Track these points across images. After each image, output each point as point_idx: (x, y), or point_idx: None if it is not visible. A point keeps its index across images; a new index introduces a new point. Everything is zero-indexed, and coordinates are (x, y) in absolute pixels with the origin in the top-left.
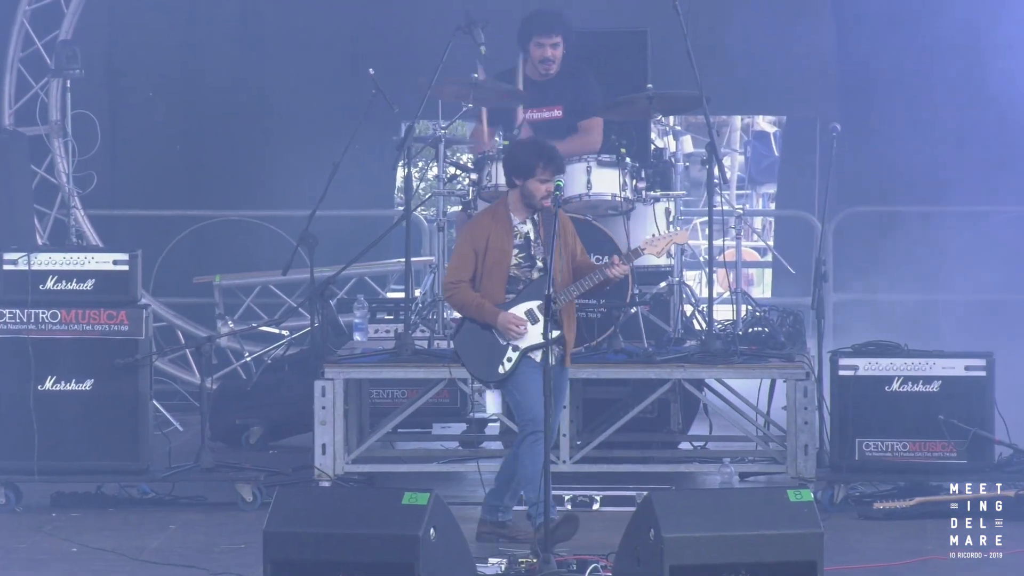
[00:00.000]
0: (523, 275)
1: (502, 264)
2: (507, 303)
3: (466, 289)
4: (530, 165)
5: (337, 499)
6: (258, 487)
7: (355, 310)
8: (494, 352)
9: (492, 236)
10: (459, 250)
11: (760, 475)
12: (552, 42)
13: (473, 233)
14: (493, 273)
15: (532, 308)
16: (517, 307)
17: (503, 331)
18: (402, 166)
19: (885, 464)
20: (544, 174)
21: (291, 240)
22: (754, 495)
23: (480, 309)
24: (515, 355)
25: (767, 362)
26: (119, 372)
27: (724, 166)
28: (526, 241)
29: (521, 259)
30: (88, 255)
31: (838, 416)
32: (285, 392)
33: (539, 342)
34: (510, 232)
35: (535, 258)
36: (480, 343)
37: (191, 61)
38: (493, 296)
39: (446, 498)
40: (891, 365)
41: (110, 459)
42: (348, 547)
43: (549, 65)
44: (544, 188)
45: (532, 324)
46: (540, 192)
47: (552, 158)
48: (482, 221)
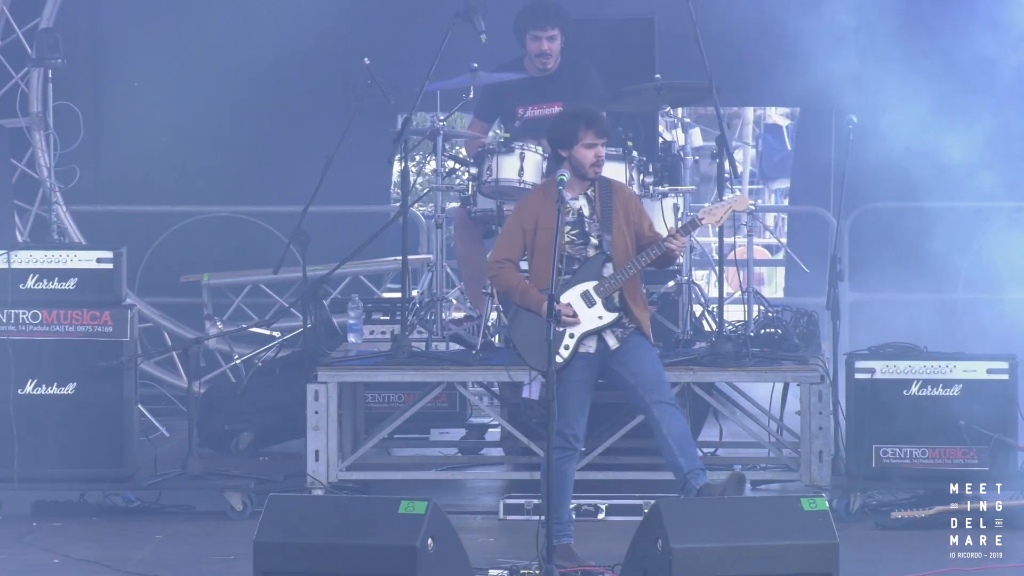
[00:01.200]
0: (577, 253)
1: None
2: (561, 285)
3: (511, 271)
4: (572, 132)
5: (331, 508)
6: (248, 495)
7: (349, 310)
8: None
9: (542, 214)
10: (506, 228)
11: (773, 483)
12: (548, 35)
13: (521, 211)
14: (545, 252)
15: (588, 289)
16: (571, 290)
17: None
18: (399, 160)
19: (903, 471)
20: (588, 137)
21: (283, 237)
22: (766, 504)
23: (525, 294)
24: (572, 342)
25: (780, 365)
26: (103, 375)
27: (735, 160)
28: (579, 217)
29: (574, 236)
30: (70, 253)
31: (854, 421)
32: (276, 396)
33: (596, 326)
34: (563, 209)
35: (589, 235)
36: (535, 329)
37: (178, 50)
38: (545, 277)
39: (445, 507)
40: (910, 368)
41: (93, 466)
42: (342, 558)
43: (546, 59)
44: (592, 154)
45: (589, 307)
46: (588, 159)
47: (594, 119)
48: (532, 198)
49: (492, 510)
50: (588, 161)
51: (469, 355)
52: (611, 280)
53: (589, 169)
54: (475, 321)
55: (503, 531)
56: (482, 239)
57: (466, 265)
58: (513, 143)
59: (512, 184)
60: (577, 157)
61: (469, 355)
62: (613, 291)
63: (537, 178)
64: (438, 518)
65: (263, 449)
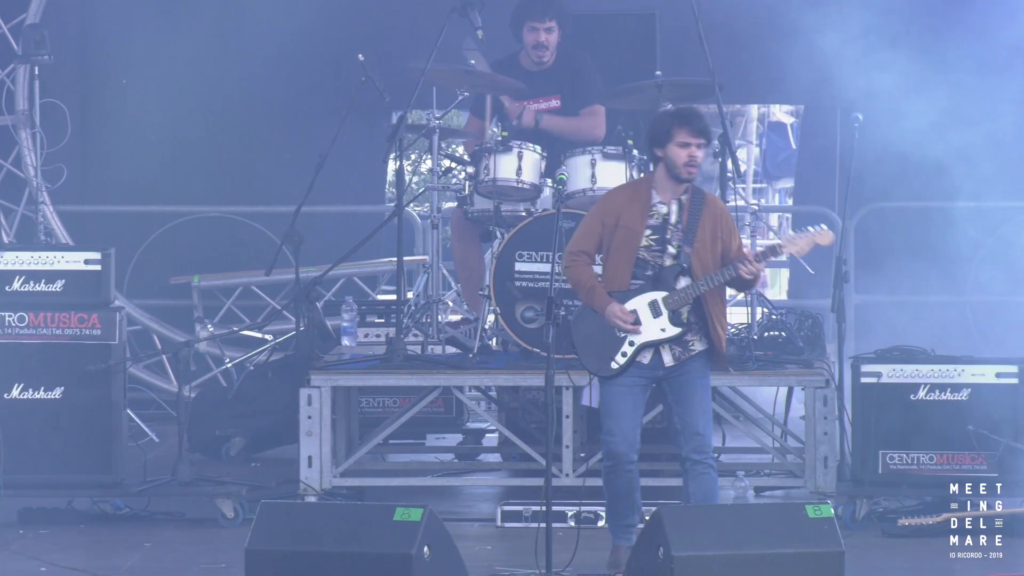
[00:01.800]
0: (653, 259)
1: (631, 244)
2: (630, 290)
3: (585, 265)
4: (665, 130)
5: (324, 515)
6: (240, 502)
7: (343, 313)
8: (608, 343)
9: (625, 212)
10: (587, 221)
11: (777, 489)
12: (546, 26)
13: (605, 205)
14: (620, 252)
15: (657, 299)
16: (640, 296)
17: (609, 323)
18: (393, 159)
19: (910, 478)
20: (683, 136)
21: (275, 238)
22: (770, 511)
23: (591, 293)
24: (631, 350)
25: (784, 369)
26: (91, 379)
27: (738, 159)
28: (663, 222)
29: (653, 241)
30: (57, 254)
31: (860, 426)
32: (268, 401)
33: (657, 338)
34: (646, 210)
35: (669, 243)
36: (597, 331)
37: (168, 46)
38: (617, 278)
39: (441, 514)
40: (917, 372)
41: (81, 472)
42: (336, 566)
43: (543, 51)
44: (686, 153)
45: (654, 317)
46: (682, 158)
47: (690, 118)
48: (618, 194)
49: (490, 517)
50: (681, 160)
51: (466, 359)
52: (682, 293)
53: (683, 169)
54: (472, 324)
55: (501, 539)
56: (479, 240)
57: (463, 266)
58: (511, 142)
59: (510, 184)
60: (671, 156)
61: (466, 359)
62: (682, 305)
63: (535, 177)
64: (434, 525)
65: (255, 455)
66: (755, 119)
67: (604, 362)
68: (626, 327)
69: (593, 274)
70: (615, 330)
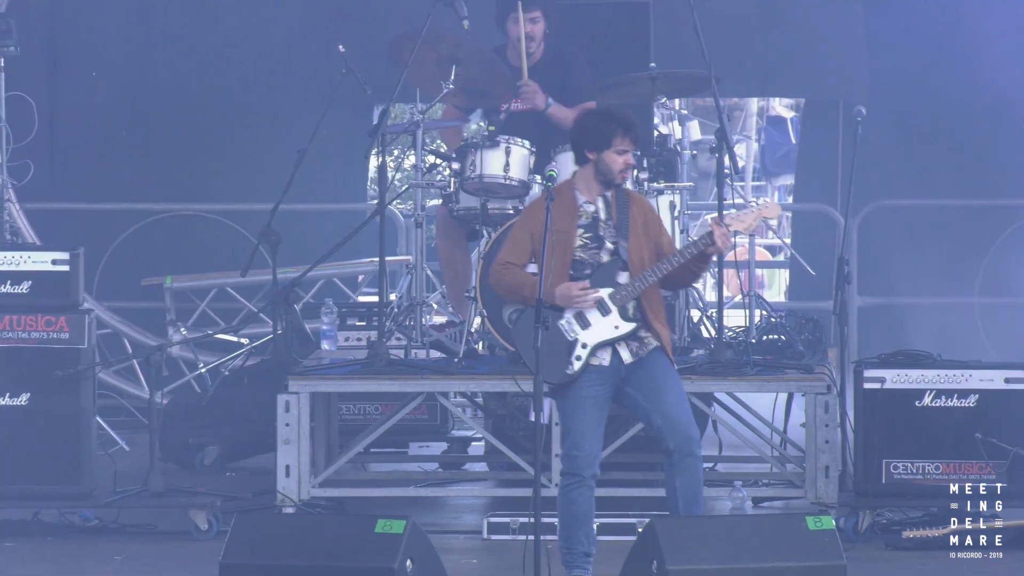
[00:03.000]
0: (590, 258)
1: (565, 246)
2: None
3: (514, 269)
4: (606, 135)
5: (302, 527)
6: (214, 514)
7: (323, 315)
8: (559, 347)
9: (552, 216)
10: (514, 234)
11: (776, 500)
12: (531, 16)
13: (530, 215)
14: (554, 255)
15: (603, 297)
16: None
17: (565, 302)
18: (376, 155)
19: (916, 488)
20: (622, 143)
21: (251, 237)
22: (769, 522)
23: (535, 288)
24: (585, 352)
25: (783, 374)
26: (59, 385)
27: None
28: (593, 220)
29: (587, 239)
30: (24, 254)
31: (863, 434)
32: (244, 408)
33: (612, 336)
34: (573, 211)
35: (604, 239)
36: (545, 336)
37: (139, 37)
38: (556, 282)
39: (425, 526)
40: (922, 377)
41: (48, 482)
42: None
43: (529, 44)
44: (622, 160)
45: (603, 316)
46: (618, 165)
47: (632, 125)
48: (541, 202)
49: (476, 529)
50: (617, 167)
51: (451, 363)
52: (628, 288)
53: (617, 175)
54: (458, 327)
55: (487, 552)
56: (465, 239)
57: (448, 267)
58: (498, 137)
59: (497, 180)
60: (606, 161)
61: (451, 363)
62: (629, 300)
63: (523, 174)
64: (417, 538)
65: (230, 464)
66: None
67: (558, 368)
68: (591, 297)
69: (529, 274)
70: (564, 333)
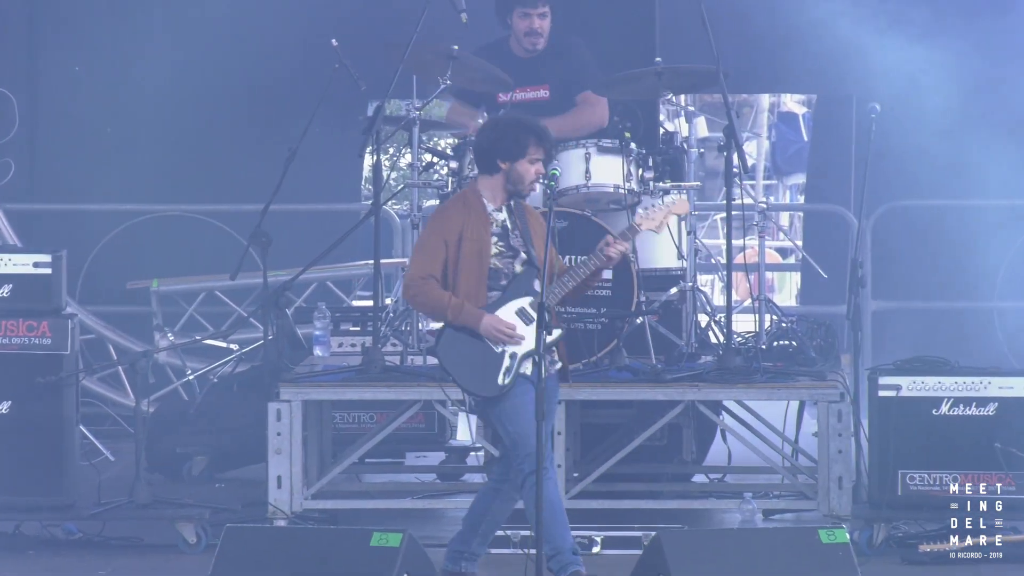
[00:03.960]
0: (505, 267)
1: (482, 256)
2: (491, 302)
3: (435, 287)
4: (522, 144)
5: (294, 541)
6: (202, 526)
7: (315, 320)
8: (488, 360)
9: (467, 225)
10: (426, 242)
11: (787, 512)
12: (539, 12)
13: (443, 223)
14: (471, 267)
15: (524, 306)
16: (506, 306)
17: (489, 338)
18: (370, 153)
19: (932, 500)
20: (536, 153)
21: (241, 239)
22: (780, 536)
23: (458, 310)
24: (513, 364)
25: (795, 381)
26: (40, 392)
27: (745, 153)
28: (504, 230)
29: (502, 248)
30: (4, 256)
31: (877, 444)
32: (234, 416)
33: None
34: (487, 220)
35: (517, 249)
36: (469, 350)
37: (124, 31)
38: (473, 295)
39: (422, 539)
40: (939, 385)
41: (30, 494)
42: None
43: (536, 39)
44: (534, 170)
45: (527, 325)
46: (530, 175)
47: (545, 135)
48: (453, 209)
49: None
50: (529, 177)
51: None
52: (547, 295)
53: (528, 186)
54: None
55: (488, 566)
56: None
57: None
58: None
59: None
60: (518, 170)
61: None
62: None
63: None
64: (414, 552)
65: (219, 475)
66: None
67: (488, 382)
68: (511, 335)
69: (449, 293)
70: (490, 346)
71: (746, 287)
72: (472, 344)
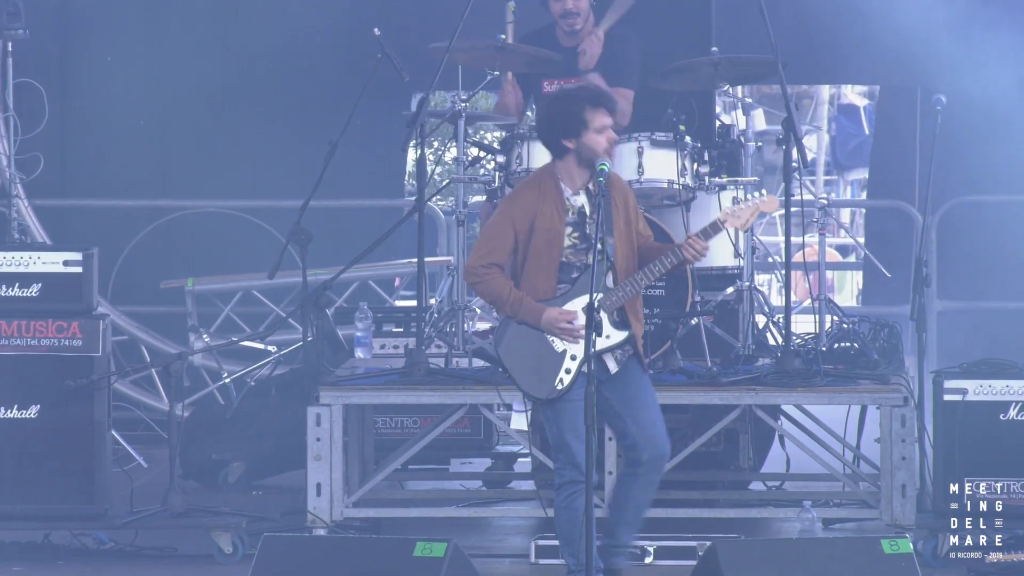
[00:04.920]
0: (578, 260)
1: (553, 248)
2: (558, 297)
3: (498, 277)
4: (578, 116)
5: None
6: (239, 536)
7: (357, 321)
8: (547, 361)
9: (540, 214)
10: (494, 228)
11: (848, 521)
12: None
13: (514, 209)
14: (542, 259)
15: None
16: (572, 302)
17: (550, 333)
18: (414, 147)
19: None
20: (597, 120)
21: (280, 236)
22: (841, 546)
23: (518, 305)
24: (574, 366)
25: (856, 385)
26: (71, 396)
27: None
28: (580, 217)
29: (575, 239)
30: (33, 254)
31: (943, 450)
32: (272, 421)
33: (603, 346)
34: (561, 207)
35: (591, 238)
36: (530, 349)
37: (158, 19)
38: (541, 288)
39: (467, 549)
40: (1008, 388)
41: (60, 501)
42: None
43: (573, 19)
44: (604, 139)
45: None
46: (601, 145)
47: (599, 98)
48: (526, 195)
49: (522, 553)
50: (601, 147)
51: (495, 373)
52: (619, 292)
53: (604, 156)
54: None
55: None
56: None
57: None
58: None
59: None
60: (589, 145)
61: (495, 373)
62: (620, 305)
63: None
64: (459, 562)
65: (256, 482)
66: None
67: (547, 383)
68: (572, 330)
69: (512, 284)
70: (551, 343)
71: (805, 287)
72: (532, 341)
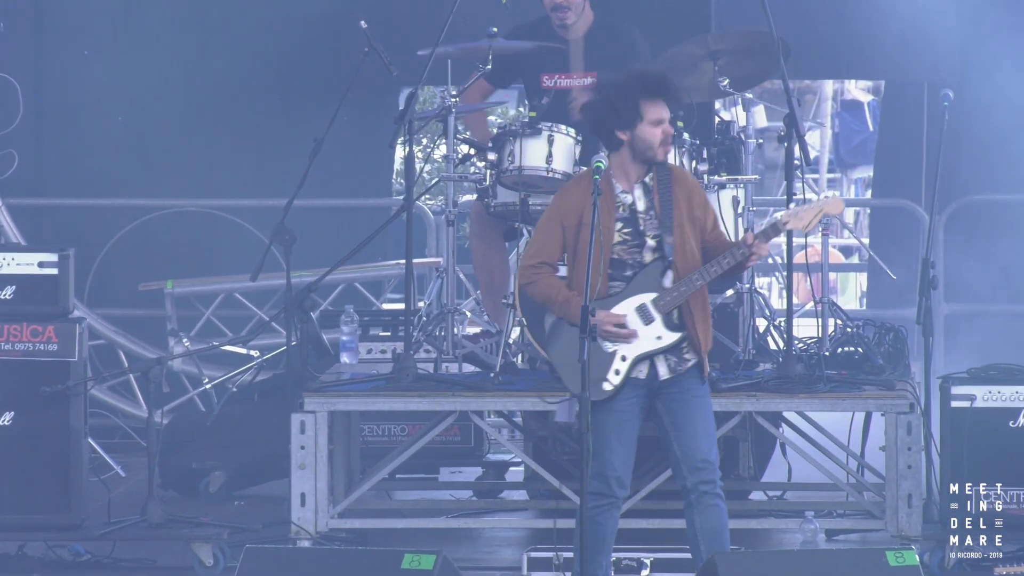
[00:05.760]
0: (630, 257)
1: (602, 244)
2: (611, 296)
3: (549, 276)
4: (633, 105)
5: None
6: (220, 547)
7: (342, 325)
8: (596, 361)
9: (588, 209)
10: (543, 226)
11: (852, 532)
12: None
13: (561, 205)
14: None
15: (645, 303)
16: (625, 302)
17: (600, 335)
18: (402, 144)
19: (1009, 518)
20: (654, 111)
21: (263, 237)
22: (845, 558)
23: (567, 306)
24: (624, 367)
25: (861, 391)
26: (46, 402)
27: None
28: (631, 214)
29: (627, 235)
30: (7, 255)
31: (950, 458)
32: (254, 428)
33: (654, 348)
34: (611, 202)
35: (645, 235)
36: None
37: (136, 13)
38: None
39: (457, 561)
40: (1017, 395)
41: (34, 512)
42: None
43: (564, 13)
44: (660, 131)
45: (645, 324)
46: (657, 138)
47: (658, 85)
48: (574, 190)
49: (514, 565)
50: (656, 140)
51: (486, 379)
52: (673, 293)
53: (659, 151)
54: (493, 338)
55: None
56: (502, 239)
57: (483, 270)
58: (540, 124)
59: (539, 173)
60: (642, 137)
61: (486, 379)
62: (675, 305)
63: (568, 166)
64: (449, 575)
65: (238, 492)
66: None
67: (594, 384)
68: (621, 335)
69: (562, 284)
70: (601, 345)
71: (807, 289)
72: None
